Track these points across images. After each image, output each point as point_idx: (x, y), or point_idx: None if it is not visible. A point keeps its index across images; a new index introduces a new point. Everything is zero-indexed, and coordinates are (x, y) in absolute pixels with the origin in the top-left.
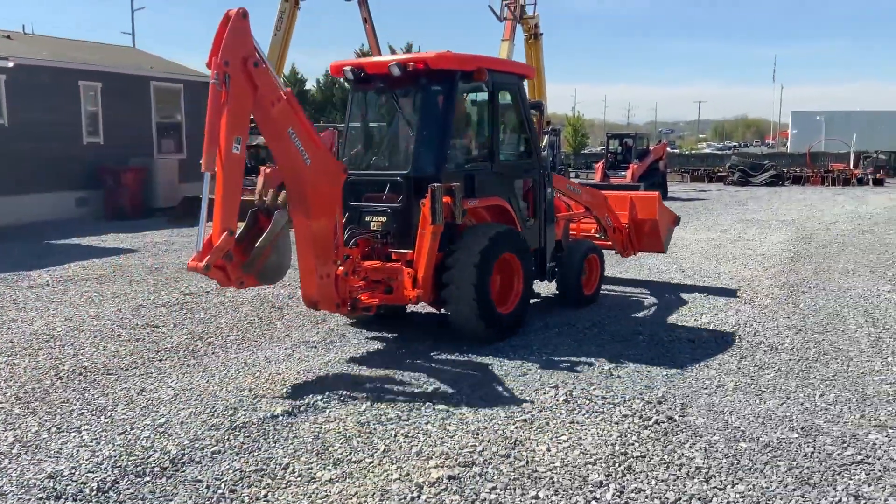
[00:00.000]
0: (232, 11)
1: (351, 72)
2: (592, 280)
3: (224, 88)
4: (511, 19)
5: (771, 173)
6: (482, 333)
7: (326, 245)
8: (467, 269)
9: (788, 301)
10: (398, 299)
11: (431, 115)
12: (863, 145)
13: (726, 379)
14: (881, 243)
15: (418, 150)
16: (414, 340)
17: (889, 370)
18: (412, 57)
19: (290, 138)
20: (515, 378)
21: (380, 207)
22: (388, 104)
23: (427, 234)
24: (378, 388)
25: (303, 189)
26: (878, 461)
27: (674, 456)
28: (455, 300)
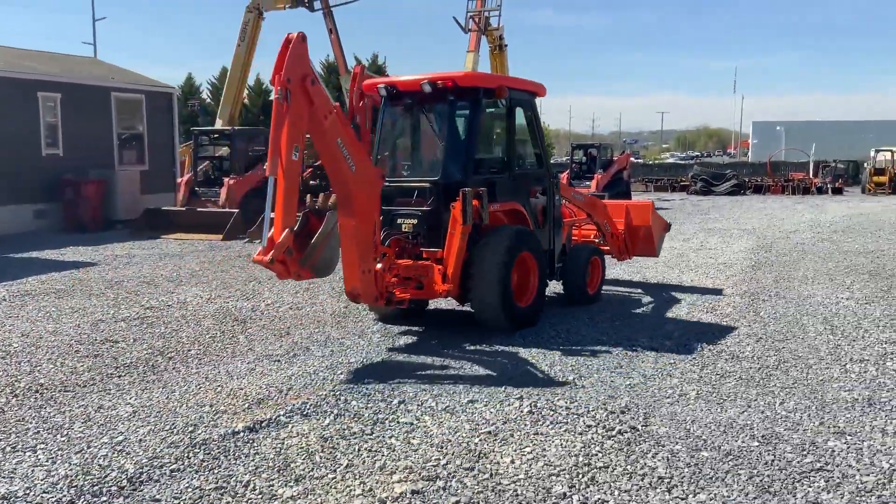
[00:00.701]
0: (293, 35)
1: (384, 89)
2: (595, 281)
3: (286, 103)
4: (476, 31)
5: (732, 183)
6: (503, 325)
7: (367, 243)
8: (492, 267)
9: (749, 309)
10: (429, 294)
11: (459, 127)
12: (822, 155)
13: (688, 388)
14: (840, 251)
15: (447, 158)
16: (386, 351)
17: (847, 377)
18: (442, 76)
19: (339, 148)
20: (481, 389)
21: (411, 211)
22: (417, 118)
23: (457, 233)
24: (342, 401)
25: (348, 192)
26: (837, 468)
27: (636, 466)
28: (480, 294)
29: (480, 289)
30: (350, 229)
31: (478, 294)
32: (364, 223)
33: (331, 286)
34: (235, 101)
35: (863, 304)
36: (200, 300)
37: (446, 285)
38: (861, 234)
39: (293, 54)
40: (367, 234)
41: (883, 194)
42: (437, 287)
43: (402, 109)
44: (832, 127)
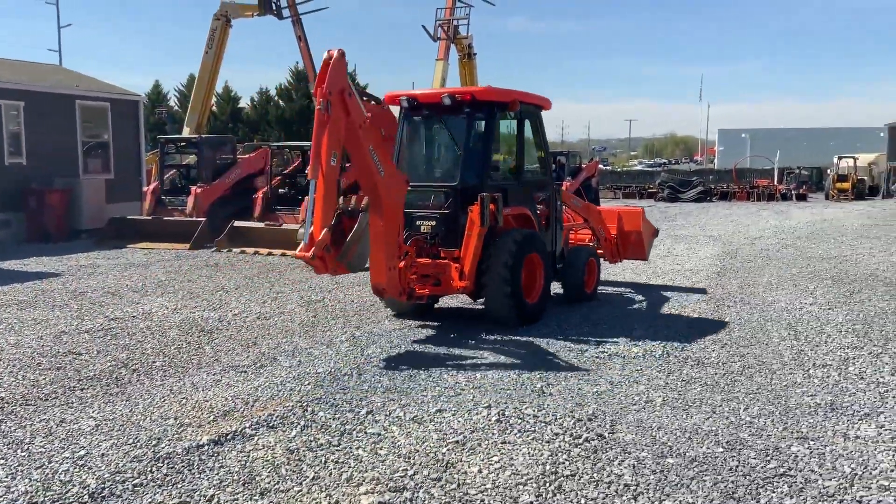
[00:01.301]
0: (333, 52)
1: (406, 101)
2: (592, 281)
3: (327, 113)
4: (445, 39)
5: (699, 189)
6: (513, 320)
7: (393, 243)
8: (504, 266)
9: (715, 315)
10: (446, 290)
11: (476, 137)
12: (786, 161)
13: (654, 394)
14: (803, 257)
15: (465, 165)
16: (354, 361)
17: (810, 382)
18: (460, 90)
19: (371, 154)
20: (450, 398)
21: (429, 213)
22: (436, 128)
23: (474, 235)
24: (309, 412)
25: (377, 195)
26: (800, 473)
27: (603, 474)
28: (493, 291)
29: (493, 286)
30: (378, 229)
31: (491, 291)
32: (391, 224)
33: (299, 295)
34: (203, 108)
35: (826, 310)
36: (166, 310)
37: (463, 282)
38: (824, 240)
39: (333, 69)
40: (393, 234)
41: (846, 200)
42: (454, 284)
43: (422, 120)
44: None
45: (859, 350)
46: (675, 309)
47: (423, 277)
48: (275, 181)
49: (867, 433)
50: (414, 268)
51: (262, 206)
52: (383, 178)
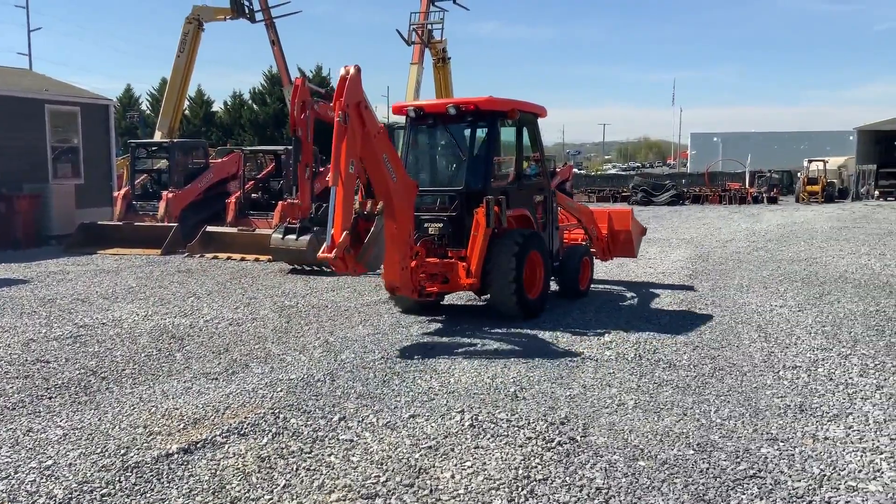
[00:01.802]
0: (350, 68)
1: (413, 111)
2: (585, 278)
3: (345, 125)
4: (419, 43)
5: (672, 193)
6: (517, 314)
7: (406, 243)
8: (508, 264)
9: (687, 317)
10: (454, 287)
11: (479, 144)
12: (757, 165)
13: (627, 397)
14: (774, 260)
15: (470, 170)
16: (328, 367)
17: (780, 384)
18: (464, 100)
19: (384, 162)
20: (423, 403)
21: (437, 216)
22: (441, 136)
23: (480, 235)
24: (281, 419)
25: (390, 199)
26: (770, 475)
27: (575, 477)
28: (498, 287)
29: (498, 282)
30: (392, 231)
31: (496, 287)
32: (403, 226)
33: (272, 301)
34: (175, 112)
35: (795, 312)
36: (136, 317)
37: (470, 280)
38: (795, 243)
39: (350, 84)
40: (406, 235)
41: (816, 203)
42: (462, 281)
43: (427, 129)
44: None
45: (828, 351)
46: (647, 311)
47: (432, 276)
48: (248, 186)
49: (836, 434)
50: (423, 267)
51: (235, 211)
52: (396, 184)
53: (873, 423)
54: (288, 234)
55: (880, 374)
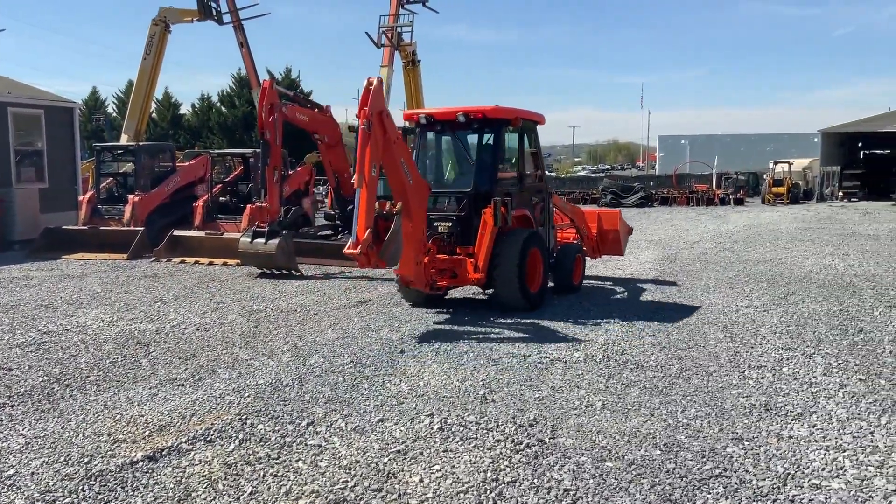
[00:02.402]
0: (373, 79)
1: (423, 118)
2: (578, 274)
3: (369, 132)
4: (389, 46)
5: (640, 195)
6: (520, 306)
7: (420, 241)
8: (512, 259)
9: (654, 318)
10: (462, 281)
11: (486, 149)
12: (724, 167)
13: (595, 398)
14: (740, 261)
15: (477, 173)
16: (296, 371)
17: (746, 384)
18: (473, 109)
19: (402, 165)
20: (392, 407)
21: (446, 216)
22: (450, 141)
23: (487, 233)
24: (248, 425)
25: (406, 200)
26: (735, 474)
27: (543, 479)
28: (502, 281)
29: (503, 277)
30: (408, 229)
31: (501, 281)
32: (417, 225)
33: (240, 305)
34: (142, 115)
35: (761, 312)
36: (101, 323)
37: (478, 274)
38: (760, 244)
39: (374, 94)
40: (420, 233)
41: (781, 204)
42: (470, 276)
43: (439, 135)
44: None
45: (793, 351)
46: (615, 312)
47: (441, 271)
48: (216, 189)
49: (800, 433)
50: (434, 263)
51: (203, 214)
52: (411, 186)
53: (836, 422)
54: (256, 238)
55: (843, 373)
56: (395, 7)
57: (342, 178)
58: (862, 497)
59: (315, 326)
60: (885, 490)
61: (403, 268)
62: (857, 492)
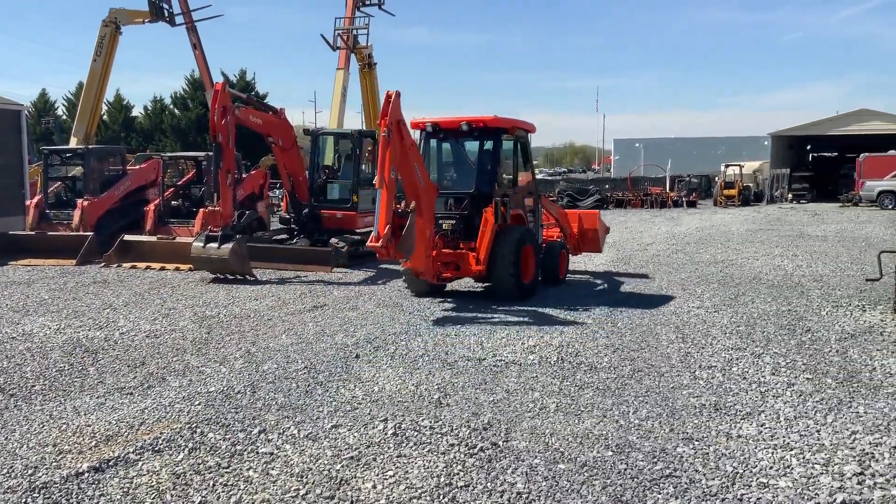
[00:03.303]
0: (392, 92)
1: (430, 126)
2: (563, 269)
3: (389, 138)
4: (345, 49)
5: (596, 197)
6: (515, 295)
7: (429, 236)
8: (509, 254)
9: (608, 320)
10: (465, 273)
11: (486, 154)
12: (677, 169)
13: (549, 401)
14: (692, 262)
15: (478, 176)
16: (249, 378)
17: (696, 384)
18: (475, 118)
19: (415, 169)
20: (346, 413)
21: (450, 214)
22: (454, 147)
23: (488, 230)
24: (198, 434)
25: (419, 200)
26: (685, 474)
27: (496, 483)
28: (499, 273)
29: (500, 269)
30: (420, 226)
31: (498, 273)
32: (427, 222)
33: (193, 311)
34: (92, 118)
35: (712, 313)
36: (48, 331)
37: (479, 267)
38: (712, 245)
39: (393, 105)
40: (429, 230)
41: (733, 206)
42: (472, 268)
43: (443, 141)
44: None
45: (742, 351)
46: (569, 315)
47: (446, 264)
48: (167, 193)
49: (749, 432)
50: (440, 257)
51: (154, 218)
52: (423, 187)
53: (784, 421)
54: (209, 243)
55: (791, 372)
56: (350, 9)
57: (297, 182)
58: (808, 495)
59: (269, 332)
60: (830, 488)
61: (415, 261)
62: (804, 490)
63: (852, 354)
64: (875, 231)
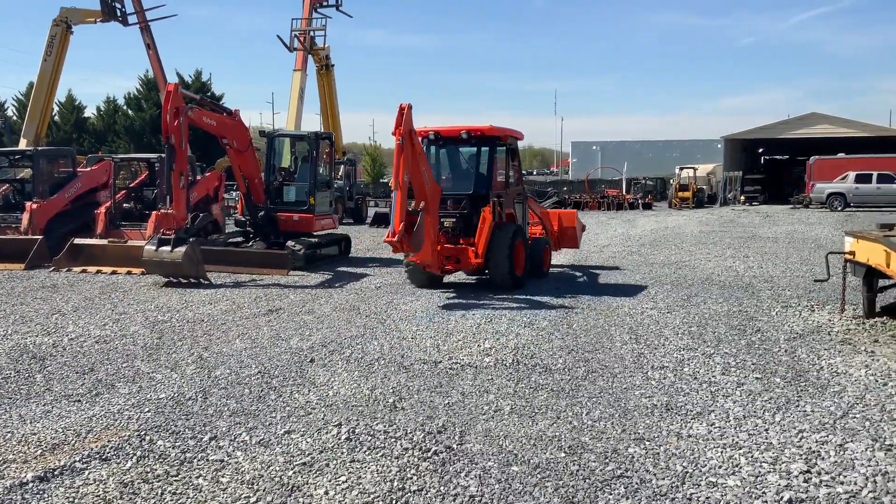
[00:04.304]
0: (405, 105)
1: (433, 134)
2: (547, 263)
3: (402, 147)
4: (302, 50)
5: (554, 200)
6: (509, 284)
7: (435, 233)
8: (504, 248)
9: (563, 322)
10: (465, 266)
11: (483, 160)
12: (633, 172)
13: (503, 403)
14: (646, 263)
15: (477, 179)
16: (200, 384)
17: (648, 384)
18: (472, 128)
19: (424, 172)
20: (300, 418)
21: (451, 213)
22: (454, 153)
23: (486, 226)
24: (147, 441)
25: (426, 200)
26: (636, 474)
27: (450, 486)
28: (495, 265)
29: (496, 262)
30: (428, 224)
31: (494, 265)
32: (433, 219)
33: (144, 316)
34: (42, 118)
35: (664, 313)
36: None
37: (478, 260)
38: (666, 247)
39: (407, 116)
40: (435, 226)
41: (687, 208)
42: (472, 261)
43: (445, 148)
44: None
45: (694, 351)
46: (525, 317)
47: (448, 258)
48: (119, 195)
49: (699, 432)
50: (443, 251)
51: (106, 221)
52: (430, 189)
53: (733, 420)
54: (162, 246)
55: (741, 371)
56: (307, 10)
57: (252, 184)
58: (756, 493)
59: (222, 337)
60: (777, 486)
61: (423, 254)
62: (752, 488)
63: (801, 354)
64: (824, 232)
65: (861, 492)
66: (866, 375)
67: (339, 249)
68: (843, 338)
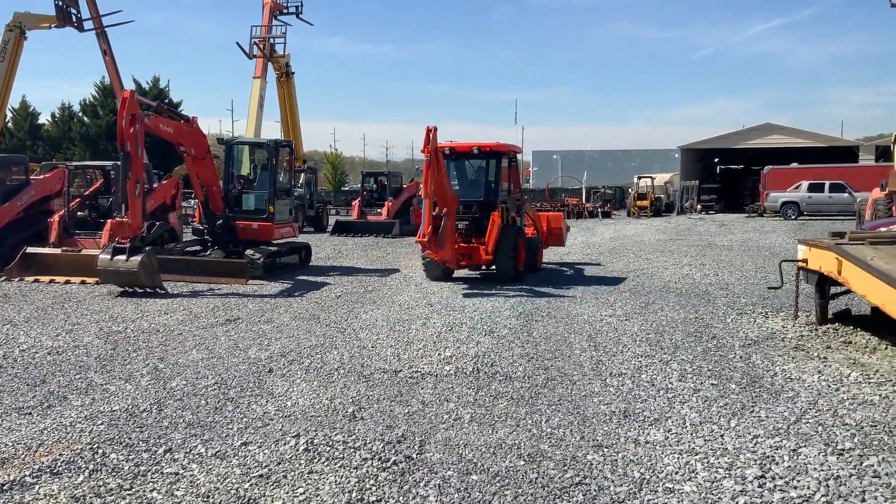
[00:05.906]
0: (431, 127)
1: (448, 150)
2: (539, 259)
3: (431, 163)
4: (261, 57)
5: None
6: (512, 279)
7: (453, 233)
8: (509, 246)
9: (523, 330)
10: (476, 262)
11: (492, 171)
12: (593, 181)
13: (463, 412)
14: (605, 271)
15: (486, 188)
16: (155, 396)
17: (607, 391)
18: (483, 144)
19: (445, 184)
20: (257, 430)
21: (464, 217)
22: (467, 167)
23: (496, 228)
24: (100, 455)
25: (447, 206)
26: (594, 481)
27: (409, 497)
28: (502, 260)
29: (503, 258)
30: (449, 226)
31: (501, 261)
32: (452, 223)
33: (98, 327)
34: None
35: (623, 321)
36: None
37: (488, 256)
38: (625, 255)
39: (433, 137)
40: (453, 228)
41: (645, 217)
42: (483, 257)
43: (458, 161)
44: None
45: (651, 358)
46: (486, 325)
47: (462, 255)
48: (73, 203)
49: (656, 438)
50: (458, 249)
51: (59, 230)
52: (450, 197)
53: (690, 426)
54: (117, 255)
55: (697, 378)
56: (267, 18)
57: (210, 192)
58: (711, 499)
59: (178, 347)
60: (732, 491)
61: (445, 252)
62: (708, 494)
63: (755, 360)
64: (778, 240)
65: (814, 496)
66: (819, 381)
67: (299, 258)
68: (797, 344)
